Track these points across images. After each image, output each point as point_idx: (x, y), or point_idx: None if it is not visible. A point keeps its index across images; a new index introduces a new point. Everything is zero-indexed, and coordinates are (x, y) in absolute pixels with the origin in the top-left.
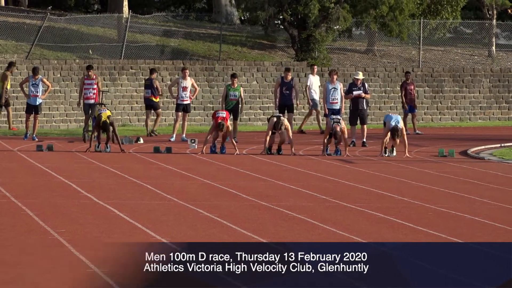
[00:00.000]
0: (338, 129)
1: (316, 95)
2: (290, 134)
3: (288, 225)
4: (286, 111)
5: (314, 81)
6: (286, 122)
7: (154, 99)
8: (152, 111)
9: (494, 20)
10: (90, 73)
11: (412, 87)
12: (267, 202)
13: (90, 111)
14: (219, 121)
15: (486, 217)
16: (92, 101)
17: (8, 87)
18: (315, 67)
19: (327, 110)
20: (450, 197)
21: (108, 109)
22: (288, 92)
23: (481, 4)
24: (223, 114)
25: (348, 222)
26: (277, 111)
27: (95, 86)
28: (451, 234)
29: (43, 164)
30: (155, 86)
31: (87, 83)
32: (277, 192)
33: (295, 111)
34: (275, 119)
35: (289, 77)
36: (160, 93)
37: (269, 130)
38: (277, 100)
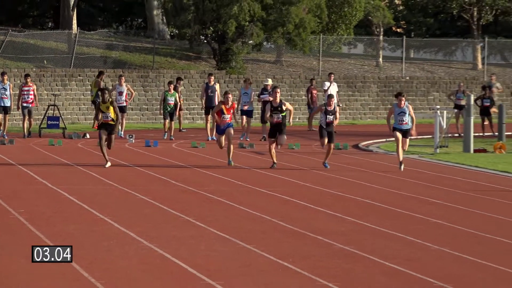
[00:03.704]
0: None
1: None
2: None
3: (210, 206)
4: (210, 112)
5: (332, 87)
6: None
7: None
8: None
9: (381, 36)
10: (27, 80)
11: (315, 91)
12: (193, 187)
13: (28, 114)
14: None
15: (374, 199)
16: (29, 105)
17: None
18: (332, 75)
19: (239, 112)
20: (344, 183)
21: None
22: (212, 94)
23: (370, 22)
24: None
25: (261, 204)
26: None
27: (32, 92)
28: (345, 214)
29: (5, 156)
30: (179, 90)
31: (25, 90)
32: (201, 179)
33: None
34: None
35: (212, 81)
36: (179, 96)
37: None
38: (203, 102)
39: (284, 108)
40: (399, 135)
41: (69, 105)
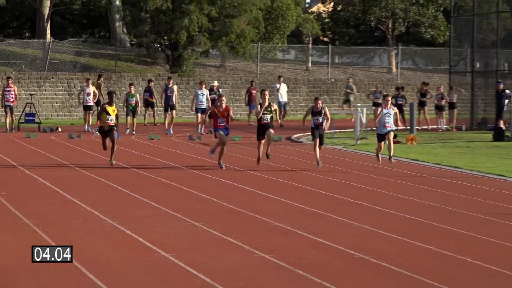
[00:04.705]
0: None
1: (282, 98)
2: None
3: (165, 189)
4: (169, 109)
5: (282, 87)
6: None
7: (150, 99)
8: (150, 108)
9: (310, 44)
10: (9, 82)
11: (254, 91)
12: (149, 173)
13: (10, 110)
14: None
15: (304, 184)
16: (11, 103)
17: (102, 92)
18: (281, 77)
19: (194, 109)
20: (279, 170)
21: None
22: (171, 94)
23: (301, 32)
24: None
25: (208, 188)
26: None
27: (13, 92)
28: (279, 196)
29: None
30: (152, 91)
31: (7, 90)
32: (156, 166)
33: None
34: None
35: (171, 83)
36: (155, 95)
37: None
38: (163, 100)
39: (272, 109)
40: (382, 144)
41: (43, 103)
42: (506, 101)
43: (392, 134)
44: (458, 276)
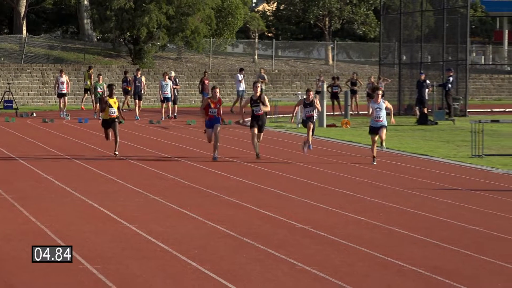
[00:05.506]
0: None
1: (242, 87)
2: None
3: (128, 168)
4: (138, 98)
5: (243, 79)
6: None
7: (128, 88)
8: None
9: (257, 39)
10: None
11: (207, 81)
12: (120, 155)
13: None
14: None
15: (251, 162)
16: None
17: (92, 81)
18: (243, 70)
19: (162, 98)
20: (228, 150)
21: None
22: (139, 84)
23: (248, 29)
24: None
25: (166, 166)
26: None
27: None
28: (230, 173)
29: None
30: (129, 80)
31: None
32: (121, 147)
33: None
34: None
35: (139, 74)
36: (131, 84)
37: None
38: (133, 89)
39: (262, 101)
40: (374, 137)
41: (20, 91)
42: (427, 90)
43: (384, 131)
44: (387, 243)
